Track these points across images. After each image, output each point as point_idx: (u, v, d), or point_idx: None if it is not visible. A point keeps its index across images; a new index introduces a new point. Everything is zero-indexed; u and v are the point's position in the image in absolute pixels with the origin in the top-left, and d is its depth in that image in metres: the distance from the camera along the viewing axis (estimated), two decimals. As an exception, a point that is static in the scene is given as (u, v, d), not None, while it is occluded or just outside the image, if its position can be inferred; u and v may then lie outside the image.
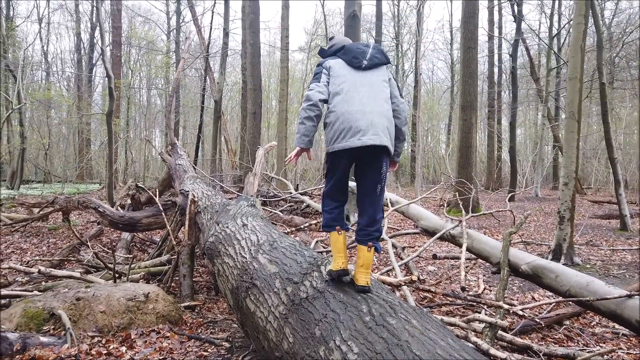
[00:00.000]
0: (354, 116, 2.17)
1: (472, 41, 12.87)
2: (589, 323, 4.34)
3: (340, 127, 2.19)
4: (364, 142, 2.13)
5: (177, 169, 7.41)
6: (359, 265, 2.15)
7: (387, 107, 2.27)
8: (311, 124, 2.31)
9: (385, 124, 2.21)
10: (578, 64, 6.20)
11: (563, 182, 6.34)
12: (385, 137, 2.17)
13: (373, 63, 2.35)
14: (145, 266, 5.07)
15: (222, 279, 3.11)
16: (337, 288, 2.07)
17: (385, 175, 2.25)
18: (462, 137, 12.76)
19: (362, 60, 2.33)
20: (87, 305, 3.29)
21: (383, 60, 2.39)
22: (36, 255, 6.89)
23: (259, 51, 14.46)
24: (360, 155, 2.21)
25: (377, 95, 2.26)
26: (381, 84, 2.31)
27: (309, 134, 2.32)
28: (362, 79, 2.30)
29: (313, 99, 2.29)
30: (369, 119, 2.16)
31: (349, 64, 2.35)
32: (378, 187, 2.24)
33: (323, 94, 2.31)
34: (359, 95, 2.24)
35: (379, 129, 2.16)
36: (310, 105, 2.29)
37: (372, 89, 2.27)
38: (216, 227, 3.64)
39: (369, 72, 2.33)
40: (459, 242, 4.33)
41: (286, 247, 2.79)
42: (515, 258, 3.69)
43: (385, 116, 2.23)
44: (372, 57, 2.35)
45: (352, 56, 2.36)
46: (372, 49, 2.39)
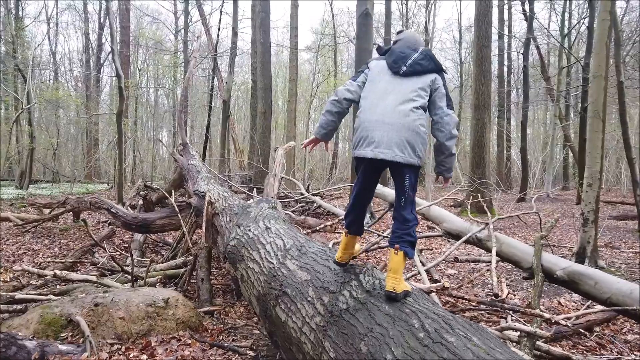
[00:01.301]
0: (372, 125, 2.12)
1: (485, 39, 12.68)
2: (620, 330, 4.17)
3: (359, 134, 2.15)
4: (375, 155, 2.08)
5: (190, 169, 7.30)
6: (388, 269, 2.07)
7: (414, 117, 2.11)
8: (330, 118, 2.30)
9: (406, 136, 2.08)
10: (603, 61, 6.02)
11: (587, 183, 6.16)
12: (400, 151, 2.07)
13: (414, 70, 2.19)
14: (161, 269, 4.96)
15: (246, 284, 2.98)
16: (381, 299, 1.93)
17: (409, 188, 2.14)
18: (475, 136, 12.58)
19: (401, 65, 2.21)
20: (105, 311, 3.18)
21: (428, 68, 2.21)
22: (48, 256, 6.80)
23: (270, 50, 14.36)
24: (382, 165, 2.16)
25: (404, 106, 2.12)
26: (414, 94, 2.15)
27: (325, 127, 2.33)
28: (394, 86, 2.19)
29: (339, 95, 2.27)
30: (385, 131, 2.08)
31: (389, 68, 2.24)
32: (402, 199, 2.16)
33: (351, 93, 2.27)
34: (384, 103, 2.15)
35: (392, 144, 2.07)
36: (334, 100, 2.29)
37: (401, 97, 2.15)
38: (237, 230, 3.51)
39: (406, 79, 2.20)
40: (486, 245, 4.18)
41: (316, 253, 2.66)
42: (548, 263, 3.53)
43: (408, 128, 2.09)
44: (414, 63, 2.20)
45: (393, 60, 2.25)
46: (419, 54, 2.23)
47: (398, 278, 2.00)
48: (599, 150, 6.08)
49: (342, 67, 33.65)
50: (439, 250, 7.23)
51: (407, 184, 2.13)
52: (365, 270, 2.17)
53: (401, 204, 2.16)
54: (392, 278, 2.01)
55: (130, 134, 22.72)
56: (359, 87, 2.29)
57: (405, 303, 1.87)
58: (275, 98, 32.17)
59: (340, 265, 2.34)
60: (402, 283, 2.02)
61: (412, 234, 2.15)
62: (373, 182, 2.33)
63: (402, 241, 2.11)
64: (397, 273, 2.02)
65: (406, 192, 2.14)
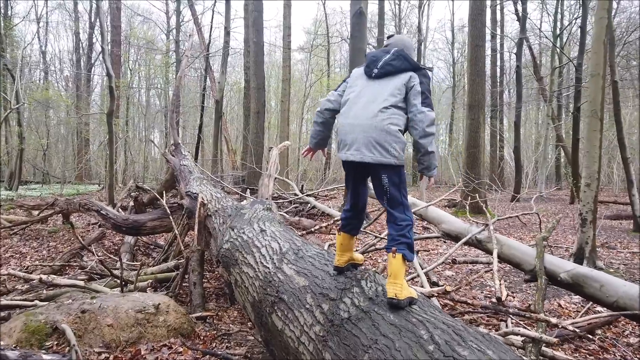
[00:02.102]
0: (346, 128, 2.16)
1: (480, 39, 12.65)
2: (622, 332, 4.10)
3: (338, 138, 2.20)
4: (347, 157, 2.12)
5: (182, 170, 7.15)
6: (388, 274, 1.99)
7: (382, 117, 2.08)
8: (317, 128, 2.41)
9: (373, 136, 2.06)
10: (601, 60, 5.95)
11: (585, 182, 6.09)
12: (369, 152, 2.05)
13: (386, 71, 2.19)
14: (152, 272, 4.81)
15: (240, 290, 2.86)
16: (385, 307, 1.81)
17: (390, 188, 2.09)
18: (470, 136, 12.52)
19: (373, 68, 2.23)
20: (93, 318, 3.04)
21: (401, 68, 2.18)
22: (36, 259, 6.63)
23: (263, 49, 14.21)
24: (359, 169, 2.19)
25: (374, 105, 2.12)
26: (386, 93, 2.14)
27: (315, 137, 2.43)
28: (367, 89, 2.20)
29: (321, 106, 2.38)
30: (355, 133, 2.10)
31: (364, 73, 2.28)
32: (384, 198, 2.12)
33: (331, 103, 2.34)
34: (357, 106, 2.17)
35: (361, 144, 2.07)
36: (317, 112, 2.40)
37: (373, 98, 2.15)
38: (231, 233, 3.38)
39: (378, 81, 2.20)
40: (486, 247, 4.08)
41: (313, 257, 2.54)
42: (552, 265, 3.44)
43: (376, 127, 2.07)
44: (385, 64, 2.20)
45: (367, 64, 2.28)
46: (390, 55, 2.23)
47: (399, 284, 1.91)
48: (597, 150, 6.01)
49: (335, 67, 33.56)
50: (435, 251, 7.14)
51: (386, 184, 2.09)
52: (367, 275, 2.05)
53: (385, 204, 2.14)
54: (393, 284, 1.91)
55: (122, 134, 22.45)
56: (339, 95, 2.33)
57: (412, 312, 1.75)
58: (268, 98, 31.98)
59: (339, 270, 2.25)
60: (405, 289, 1.91)
61: (407, 235, 2.06)
62: (359, 184, 2.30)
63: (397, 243, 2.03)
64: (397, 278, 1.93)
65: (386, 192, 2.10)
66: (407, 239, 2.06)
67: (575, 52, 21.28)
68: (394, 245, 2.03)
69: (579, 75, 17.19)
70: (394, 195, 2.10)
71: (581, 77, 17.33)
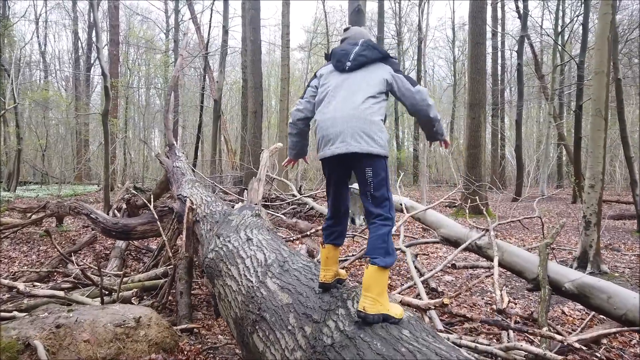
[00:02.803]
0: (326, 123, 2.06)
1: (480, 37, 12.45)
2: (629, 342, 3.91)
3: (318, 136, 2.10)
4: (333, 152, 2.00)
5: (175, 172, 6.97)
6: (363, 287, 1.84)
7: (365, 106, 2.02)
8: (293, 139, 2.38)
9: (359, 126, 1.98)
10: (605, 56, 5.76)
11: (589, 184, 5.89)
12: (355, 142, 1.96)
13: (359, 62, 2.14)
14: (140, 280, 4.63)
15: (223, 304, 2.68)
16: (372, 334, 1.62)
17: (373, 181, 1.98)
18: (471, 136, 12.34)
19: (345, 62, 2.16)
20: (68, 334, 2.86)
21: (372, 57, 2.14)
22: (25, 264, 6.45)
23: (260, 48, 14.01)
24: (344, 162, 2.05)
25: (354, 96, 2.05)
26: (365, 83, 2.08)
27: (293, 148, 2.42)
28: (343, 83, 2.13)
29: (292, 118, 2.32)
30: (338, 126, 2.00)
31: (335, 68, 2.20)
32: (368, 194, 1.99)
33: (301, 112, 2.28)
34: (335, 100, 2.09)
35: (346, 135, 1.98)
36: (290, 123, 2.36)
37: (351, 90, 2.08)
38: (216, 241, 3.20)
39: (353, 73, 2.14)
40: (486, 253, 3.90)
41: (299, 270, 2.36)
42: (556, 274, 3.25)
43: (359, 117, 1.99)
44: (357, 55, 2.14)
45: (337, 59, 2.20)
46: (360, 47, 2.18)
47: (371, 297, 1.75)
48: (602, 149, 5.82)
49: (335, 66, 33.21)
50: (434, 254, 6.95)
51: (370, 177, 1.97)
52: (354, 295, 1.87)
53: (369, 201, 1.99)
54: (364, 297, 1.77)
55: (120, 135, 22.29)
56: (308, 102, 2.27)
57: (402, 339, 1.57)
58: (268, 97, 31.82)
59: (325, 287, 2.08)
60: (380, 304, 1.75)
61: (385, 240, 1.90)
62: (342, 185, 2.19)
63: (373, 249, 1.89)
64: (368, 291, 1.77)
65: (370, 185, 1.97)
66: (385, 243, 1.90)
67: (577, 50, 21.07)
68: (369, 254, 1.89)
69: (581, 73, 16.99)
70: (379, 190, 1.98)
71: (583, 74, 17.13)
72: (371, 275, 1.81)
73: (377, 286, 1.79)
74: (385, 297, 1.82)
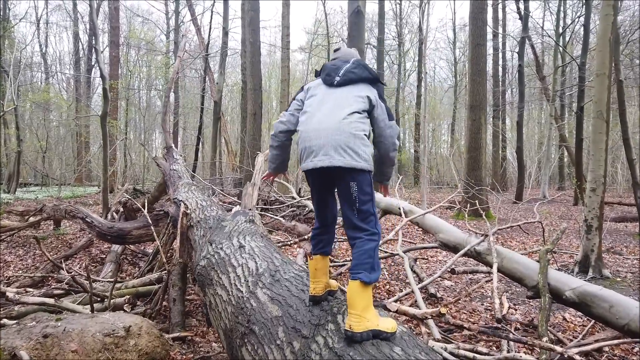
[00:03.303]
0: (310, 135, 2.02)
1: (481, 38, 12.37)
2: (631, 349, 3.83)
3: (300, 148, 2.06)
4: (315, 165, 1.95)
5: (172, 175, 6.91)
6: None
7: (350, 120, 1.98)
8: (274, 152, 2.34)
9: (343, 140, 1.93)
10: (606, 58, 5.68)
11: (590, 187, 5.81)
12: (339, 156, 1.91)
13: (347, 79, 2.12)
14: (134, 285, 4.56)
15: (214, 314, 2.61)
16: (363, 350, 1.55)
17: (357, 195, 1.92)
18: (471, 137, 12.25)
19: (334, 76, 2.14)
20: (55, 344, 2.79)
21: (361, 76, 2.12)
22: (20, 269, 6.39)
23: (259, 50, 13.95)
24: (325, 176, 2.00)
25: (340, 110, 2.01)
26: (351, 100, 2.05)
27: (274, 161, 2.36)
28: (329, 96, 2.11)
29: (274, 130, 2.29)
30: (322, 138, 1.96)
31: (324, 82, 2.19)
32: (353, 208, 1.93)
33: (284, 124, 2.25)
34: (320, 113, 2.06)
35: (329, 149, 1.93)
36: (272, 135, 2.31)
37: (337, 104, 2.05)
38: (209, 248, 3.13)
39: (340, 88, 2.12)
40: (485, 260, 3.82)
41: (291, 280, 2.28)
42: (556, 282, 3.17)
43: (344, 131, 1.95)
44: (347, 72, 2.13)
45: (327, 73, 2.19)
46: (351, 64, 2.17)
47: (356, 314, 1.71)
48: (603, 153, 5.74)
49: (335, 67, 33.16)
50: (434, 258, 6.87)
51: (355, 191, 1.92)
52: (344, 309, 1.80)
53: (354, 217, 1.93)
54: (350, 314, 1.73)
55: (120, 136, 22.23)
56: (291, 115, 2.24)
57: (393, 358, 1.49)
58: (268, 99, 31.79)
59: (315, 300, 2.01)
60: (366, 319, 1.70)
61: (371, 255, 1.86)
62: (328, 195, 2.16)
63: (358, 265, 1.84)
64: (353, 307, 1.73)
65: (355, 199, 1.92)
66: (371, 259, 1.86)
67: (578, 51, 20.99)
68: (352, 270, 1.84)
69: (583, 74, 16.90)
70: (365, 205, 1.93)
71: (584, 76, 17.04)
72: (355, 291, 1.77)
73: (362, 301, 1.75)
74: (372, 311, 1.77)
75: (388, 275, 5.82)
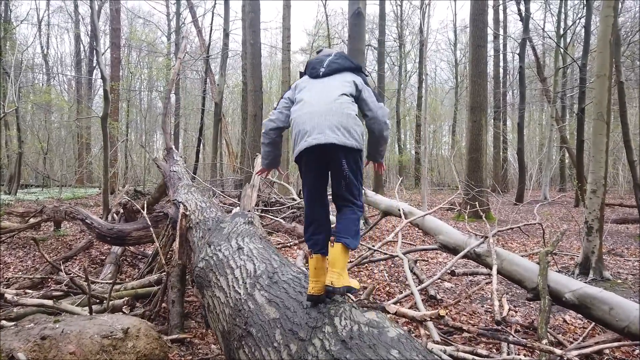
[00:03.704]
0: (302, 119, 2.12)
1: (481, 39, 12.36)
2: (632, 352, 3.82)
3: (294, 134, 2.15)
4: (309, 143, 2.03)
5: (172, 176, 6.90)
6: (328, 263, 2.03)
7: (341, 101, 2.12)
8: (266, 149, 2.42)
9: (337, 119, 2.06)
10: (607, 60, 5.67)
11: (591, 189, 5.80)
12: (333, 133, 2.02)
13: (332, 69, 2.27)
14: (133, 287, 4.55)
15: (212, 316, 2.60)
16: (360, 353, 1.54)
17: (348, 172, 2.08)
18: (472, 139, 12.24)
19: (319, 69, 2.29)
20: (54, 345, 2.78)
21: (344, 65, 2.29)
22: (19, 270, 6.39)
23: (260, 51, 13.96)
24: (319, 156, 2.09)
25: (330, 93, 2.16)
26: (339, 83, 2.21)
27: (266, 157, 2.45)
28: (317, 85, 2.25)
29: (264, 128, 2.37)
30: (316, 119, 2.07)
31: (310, 76, 2.33)
32: (342, 182, 2.10)
33: (274, 122, 2.33)
34: (311, 98, 2.18)
35: (324, 127, 2.03)
36: (263, 133, 2.40)
37: (326, 89, 2.19)
38: (207, 250, 3.12)
39: (327, 78, 2.26)
40: (485, 261, 3.80)
41: (289, 282, 2.27)
42: (556, 284, 3.15)
43: (337, 111, 2.08)
44: (330, 63, 2.29)
45: (312, 67, 2.33)
46: (333, 56, 2.34)
47: (337, 272, 1.95)
48: (604, 154, 5.72)
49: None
50: (434, 260, 6.86)
51: (346, 168, 2.06)
52: (341, 311, 1.79)
53: (341, 187, 2.10)
54: (331, 272, 1.97)
55: (121, 138, 22.25)
56: (280, 113, 2.33)
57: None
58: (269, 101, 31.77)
59: (314, 300, 2.00)
60: (343, 277, 1.96)
61: (354, 227, 2.08)
62: (321, 182, 2.20)
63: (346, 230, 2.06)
64: (335, 266, 1.97)
65: (345, 175, 2.07)
66: (356, 227, 2.09)
67: (579, 53, 20.97)
68: (336, 234, 2.04)
69: (584, 75, 16.88)
70: (353, 180, 2.10)
71: (585, 77, 17.02)
72: (339, 252, 1.98)
73: (342, 262, 1.98)
74: (346, 272, 2.04)
75: (388, 277, 5.80)
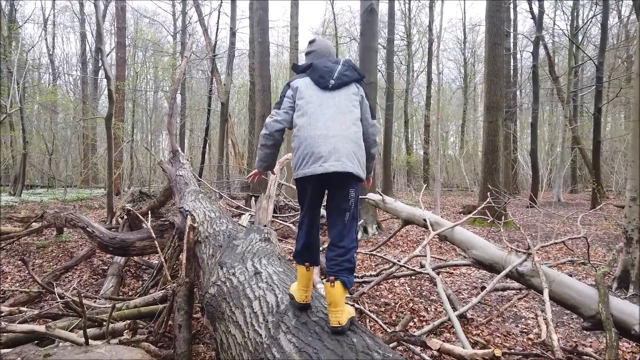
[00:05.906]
0: (316, 141, 2.02)
1: (498, 37, 11.90)
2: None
3: (303, 152, 2.05)
4: (326, 169, 1.97)
5: (178, 181, 6.54)
6: (328, 303, 1.93)
7: (355, 129, 2.10)
8: (267, 151, 2.30)
9: (352, 148, 2.04)
10: (648, 57, 5.23)
11: (630, 196, 5.35)
12: (350, 162, 2.00)
13: (342, 82, 2.16)
14: (135, 305, 4.16)
15: (226, 356, 2.20)
16: None
17: (354, 203, 2.05)
18: (488, 140, 11.79)
19: (328, 80, 2.15)
20: (42, 387, 2.40)
21: (353, 78, 2.20)
22: (17, 281, 6.03)
23: (268, 50, 13.57)
24: (326, 181, 2.04)
25: (345, 118, 2.09)
26: (350, 105, 2.14)
27: (266, 160, 2.34)
28: (328, 100, 2.12)
29: (269, 129, 2.22)
30: (332, 144, 2.01)
31: (316, 84, 2.17)
32: (347, 214, 2.03)
33: (280, 123, 2.21)
34: (324, 118, 2.07)
35: (342, 155, 1.99)
36: (266, 134, 2.24)
37: (339, 110, 2.10)
38: (219, 272, 2.73)
39: (336, 91, 2.15)
40: (530, 282, 3.38)
41: (320, 323, 1.87)
42: (620, 313, 2.72)
43: (352, 140, 2.06)
44: (340, 75, 2.17)
45: (319, 75, 2.18)
46: (342, 66, 2.21)
47: (340, 310, 1.88)
48: (645, 159, 5.27)
49: (343, 68, 32.74)
50: (457, 272, 6.42)
51: (352, 197, 2.03)
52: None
53: (345, 219, 2.02)
54: (334, 312, 1.88)
55: (126, 138, 21.94)
56: (286, 113, 2.21)
57: None
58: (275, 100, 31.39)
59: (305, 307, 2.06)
60: (345, 311, 1.90)
61: (351, 260, 2.01)
62: (320, 204, 2.17)
63: (341, 269, 1.96)
64: (338, 306, 1.89)
65: (351, 206, 2.03)
66: (351, 264, 2.01)
67: (590, 52, 20.46)
68: (335, 272, 1.95)
69: (600, 74, 16.36)
70: (354, 212, 2.06)
71: (602, 76, 16.52)
72: (339, 292, 1.91)
73: (343, 299, 1.92)
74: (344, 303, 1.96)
75: (410, 291, 5.38)
